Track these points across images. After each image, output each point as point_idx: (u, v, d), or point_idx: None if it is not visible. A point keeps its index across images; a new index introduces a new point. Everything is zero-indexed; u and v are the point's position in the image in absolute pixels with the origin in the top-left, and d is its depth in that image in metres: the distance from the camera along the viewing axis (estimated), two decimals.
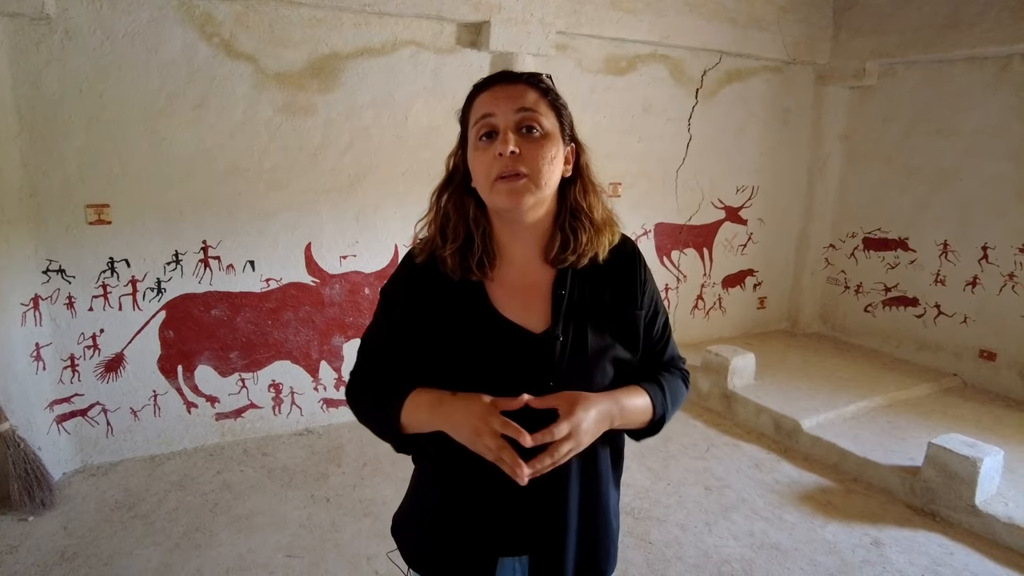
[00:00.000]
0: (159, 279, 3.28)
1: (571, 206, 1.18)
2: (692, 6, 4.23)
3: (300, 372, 3.71)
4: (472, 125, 1.13)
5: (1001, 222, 4.28)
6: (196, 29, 3.11)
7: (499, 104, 1.09)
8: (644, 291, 1.24)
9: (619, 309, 1.21)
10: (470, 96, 1.16)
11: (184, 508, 2.98)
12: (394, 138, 3.66)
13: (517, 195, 1.08)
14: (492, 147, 1.08)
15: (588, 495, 1.21)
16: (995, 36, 4.03)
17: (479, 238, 1.16)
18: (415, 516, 1.29)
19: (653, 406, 1.20)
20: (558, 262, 1.18)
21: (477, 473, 1.15)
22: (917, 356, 4.76)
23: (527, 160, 1.08)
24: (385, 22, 3.50)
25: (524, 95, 1.10)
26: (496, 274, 1.17)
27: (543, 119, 1.10)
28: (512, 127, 1.09)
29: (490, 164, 1.08)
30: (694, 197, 4.84)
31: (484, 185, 1.11)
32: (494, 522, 1.18)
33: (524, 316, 1.16)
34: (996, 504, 2.97)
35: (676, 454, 3.60)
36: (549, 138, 1.11)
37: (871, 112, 4.94)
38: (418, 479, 1.31)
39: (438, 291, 1.16)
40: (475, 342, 1.15)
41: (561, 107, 1.15)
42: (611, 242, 1.21)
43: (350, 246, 3.70)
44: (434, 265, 1.17)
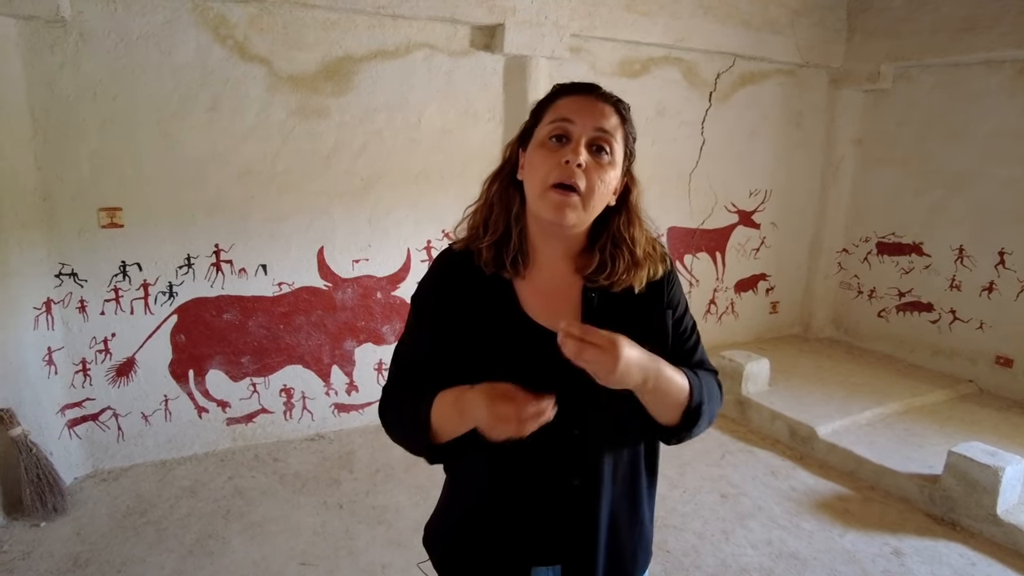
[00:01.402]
0: (171, 283, 3.26)
1: (614, 234, 1.17)
2: (707, 8, 4.20)
3: (312, 377, 3.68)
4: (546, 123, 1.11)
5: (1018, 227, 4.24)
6: (210, 31, 3.09)
7: (582, 115, 1.09)
8: (671, 290, 1.22)
9: (647, 312, 1.19)
10: (555, 93, 1.15)
11: (196, 514, 2.95)
12: (407, 141, 3.64)
13: (563, 211, 1.07)
14: (560, 152, 1.08)
15: (620, 504, 1.20)
16: (1012, 39, 3.99)
17: (516, 235, 1.15)
18: (448, 526, 1.28)
19: (691, 388, 1.12)
20: (590, 281, 1.17)
21: (512, 481, 1.15)
22: (932, 362, 4.72)
23: (588, 179, 1.07)
24: (399, 24, 3.48)
25: (609, 116, 1.10)
26: (527, 274, 1.17)
27: (616, 145, 1.11)
28: (586, 142, 1.08)
29: (552, 168, 1.07)
30: (707, 201, 4.81)
31: (537, 188, 1.10)
32: (527, 531, 1.17)
33: (551, 318, 1.14)
34: (1019, 514, 2.93)
35: (691, 461, 3.56)
36: (613, 165, 1.11)
37: (885, 116, 4.90)
38: (451, 488, 1.29)
39: (469, 283, 1.16)
40: (500, 342, 1.14)
41: (631, 140, 1.16)
42: (651, 276, 1.19)
43: (362, 250, 3.67)
44: (469, 257, 1.17)
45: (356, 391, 3.79)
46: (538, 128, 1.13)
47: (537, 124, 1.14)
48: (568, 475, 1.14)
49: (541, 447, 1.11)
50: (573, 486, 1.15)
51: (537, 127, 1.13)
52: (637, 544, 1.25)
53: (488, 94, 3.78)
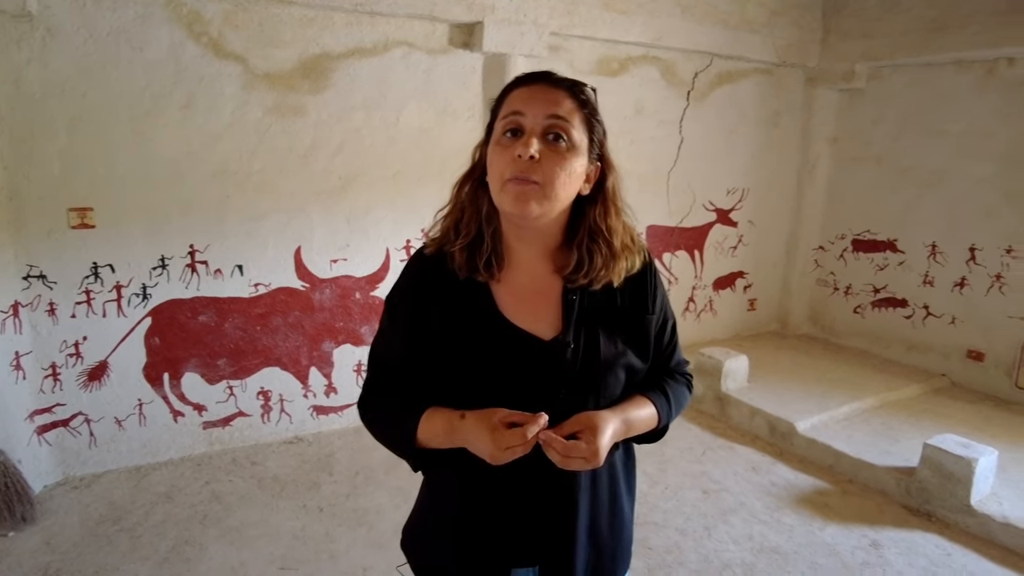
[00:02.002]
0: (145, 284, 3.19)
1: (590, 226, 1.13)
2: (684, 8, 4.22)
3: (289, 379, 3.63)
4: (500, 119, 1.09)
5: (988, 223, 4.32)
6: (183, 28, 3.03)
7: (532, 104, 1.06)
8: (655, 297, 1.22)
9: (631, 315, 1.18)
10: (506, 89, 1.12)
11: (172, 520, 2.89)
12: (386, 140, 3.60)
13: (524, 201, 1.04)
14: (513, 146, 1.05)
15: (598, 504, 1.20)
16: (981, 40, 4.07)
17: (489, 236, 1.12)
18: (426, 529, 1.26)
19: (659, 416, 1.19)
20: (569, 281, 1.14)
21: (489, 484, 1.14)
22: (906, 357, 4.79)
23: (544, 168, 1.04)
24: (377, 22, 3.45)
25: (560, 102, 1.06)
26: (503, 276, 1.14)
27: (573, 131, 1.06)
28: (539, 132, 1.05)
29: (507, 163, 1.05)
30: (685, 199, 4.83)
31: (496, 183, 1.07)
32: (506, 532, 1.16)
33: (532, 322, 1.13)
34: (991, 504, 2.98)
35: (672, 458, 3.58)
36: (574, 151, 1.06)
37: (860, 114, 4.97)
38: (428, 492, 1.27)
39: (443, 287, 1.13)
40: (481, 348, 1.11)
41: (596, 122, 1.11)
42: (629, 269, 1.17)
43: (341, 249, 3.63)
44: (442, 260, 1.14)
45: (335, 393, 3.74)
46: (495, 125, 1.11)
47: (495, 122, 1.12)
48: (547, 477, 1.13)
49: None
50: (551, 488, 1.14)
51: (495, 125, 1.11)
52: (618, 544, 1.25)
53: (467, 92, 3.76)
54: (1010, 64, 4.15)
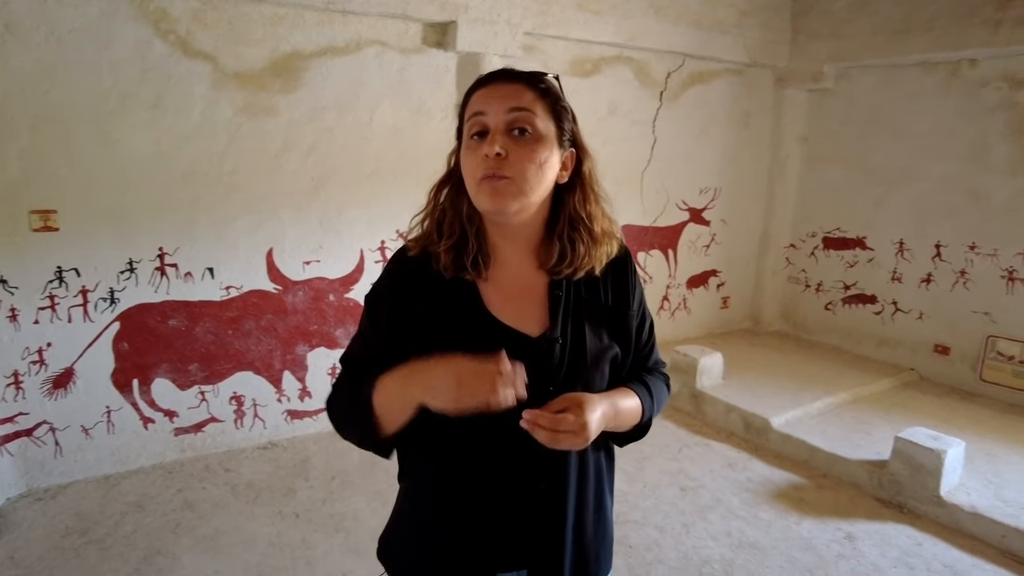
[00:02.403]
0: (112, 289, 3.11)
1: (570, 214, 1.14)
2: (657, 8, 4.25)
3: (262, 383, 3.57)
4: (466, 122, 1.10)
5: (952, 221, 4.43)
6: (150, 26, 2.96)
7: (492, 103, 1.06)
8: (635, 294, 1.23)
9: (613, 311, 1.20)
10: (468, 92, 1.12)
11: (143, 530, 2.82)
12: (359, 140, 3.56)
13: (500, 197, 1.04)
14: (482, 147, 1.05)
15: (584, 504, 1.19)
16: (944, 42, 4.17)
17: (473, 237, 1.12)
18: (404, 535, 1.23)
19: (642, 408, 1.19)
20: (553, 273, 1.14)
21: (475, 486, 1.13)
22: (876, 352, 4.89)
23: (513, 163, 1.04)
24: (349, 21, 3.41)
25: (520, 95, 1.06)
26: (490, 275, 1.13)
27: (537, 120, 1.06)
28: (503, 128, 1.05)
29: (477, 164, 1.05)
30: (659, 199, 4.87)
31: (471, 185, 1.08)
32: (491, 537, 1.14)
33: (519, 319, 1.12)
34: (959, 494, 3.05)
35: (650, 456, 3.59)
36: (541, 141, 1.06)
37: (829, 114, 5.06)
38: (406, 496, 1.25)
39: (429, 288, 1.11)
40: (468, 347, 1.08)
41: (561, 109, 1.11)
42: (608, 255, 1.18)
43: (314, 251, 3.58)
44: (427, 261, 1.12)
45: (309, 397, 3.69)
46: (463, 128, 1.11)
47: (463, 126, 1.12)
48: (535, 478, 1.12)
49: (507, 451, 1.10)
50: (540, 489, 1.13)
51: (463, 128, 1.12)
52: (601, 544, 1.24)
53: (441, 92, 3.74)
54: (972, 66, 4.26)
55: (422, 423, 1.12)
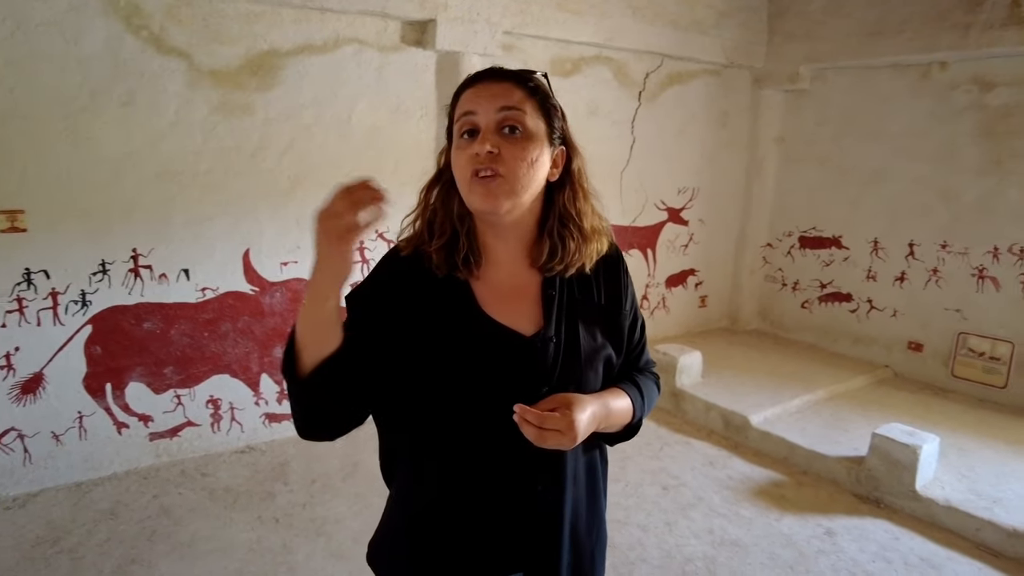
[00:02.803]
0: (84, 291, 3.03)
1: (560, 212, 1.13)
2: (635, 8, 4.27)
3: (240, 386, 3.50)
4: (455, 122, 1.09)
5: (925, 220, 4.51)
6: (121, 21, 2.89)
7: (481, 102, 1.06)
8: (627, 293, 1.23)
9: (606, 310, 1.19)
10: (457, 91, 1.12)
11: (117, 538, 2.75)
12: (337, 138, 3.52)
13: (492, 197, 1.04)
14: (472, 146, 1.05)
15: (580, 505, 1.18)
16: (915, 45, 4.24)
17: (464, 236, 1.11)
18: (397, 539, 1.20)
19: (633, 409, 1.18)
20: (545, 270, 1.14)
21: (470, 488, 1.11)
22: (852, 349, 4.96)
23: (505, 160, 1.03)
24: (327, 18, 3.36)
25: (509, 93, 1.06)
26: (482, 273, 1.13)
27: (527, 119, 1.06)
28: (493, 126, 1.05)
29: (468, 163, 1.05)
30: (638, 199, 4.89)
31: (463, 184, 1.07)
32: (487, 539, 1.13)
33: (513, 318, 1.11)
34: (935, 489, 3.10)
35: (631, 455, 3.60)
36: (532, 139, 1.06)
37: (805, 115, 5.12)
38: (399, 499, 1.22)
39: (422, 287, 1.10)
40: (461, 346, 1.09)
41: (551, 107, 1.10)
42: (599, 252, 1.18)
43: (291, 252, 3.53)
44: (419, 260, 1.12)
45: (287, 400, 3.63)
46: (453, 129, 1.11)
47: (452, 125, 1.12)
48: (532, 479, 1.11)
49: (504, 452, 1.08)
50: (537, 491, 1.12)
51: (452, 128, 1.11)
52: (596, 545, 1.24)
53: (420, 91, 3.71)
54: (943, 68, 4.34)
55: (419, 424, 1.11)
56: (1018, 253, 4.11)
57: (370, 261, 3.72)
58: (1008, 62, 4.04)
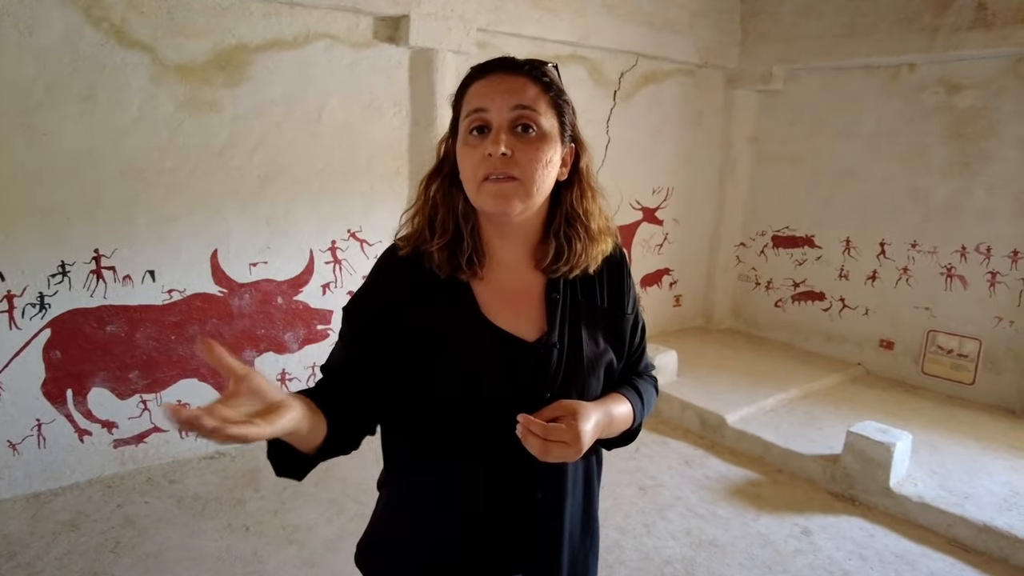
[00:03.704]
0: (42, 293, 2.91)
1: (567, 212, 1.09)
2: (610, 7, 4.25)
3: (209, 390, 3.40)
4: (463, 117, 1.03)
5: (895, 219, 4.57)
6: (80, 12, 2.78)
7: (494, 98, 1.00)
8: (630, 296, 1.21)
9: (609, 314, 1.17)
10: (465, 82, 1.06)
11: (77, 551, 2.64)
12: (308, 136, 3.44)
13: (505, 200, 0.99)
14: (482, 144, 0.99)
15: (577, 513, 1.17)
16: (885, 47, 4.30)
17: (468, 235, 1.06)
18: (390, 543, 1.17)
19: (633, 414, 1.16)
20: (550, 272, 1.10)
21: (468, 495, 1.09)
22: (825, 348, 5.01)
23: (520, 163, 0.98)
24: (297, 13, 3.28)
25: (524, 90, 1.00)
26: (485, 274, 1.09)
27: (541, 118, 1.01)
28: (506, 126, 0.99)
29: (479, 163, 0.99)
30: (613, 199, 4.79)
31: (471, 184, 1.02)
32: (485, 546, 1.11)
33: (515, 323, 1.08)
34: (908, 485, 3.14)
35: (607, 456, 3.54)
36: (546, 139, 1.01)
37: (778, 115, 5.16)
38: (393, 504, 1.19)
39: (422, 289, 1.06)
40: (463, 352, 1.05)
41: (563, 104, 1.05)
42: (604, 252, 1.14)
43: (260, 252, 3.44)
44: (419, 260, 1.07)
45: None
46: (459, 123, 1.05)
47: (459, 117, 1.06)
48: (532, 486, 1.09)
49: (505, 459, 1.05)
50: (536, 498, 1.10)
51: (459, 121, 1.05)
52: (589, 551, 1.22)
53: (393, 88, 3.65)
54: (912, 70, 4.40)
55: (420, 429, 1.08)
56: (984, 252, 4.19)
57: (342, 261, 3.65)
58: (974, 65, 4.11)
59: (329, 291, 3.65)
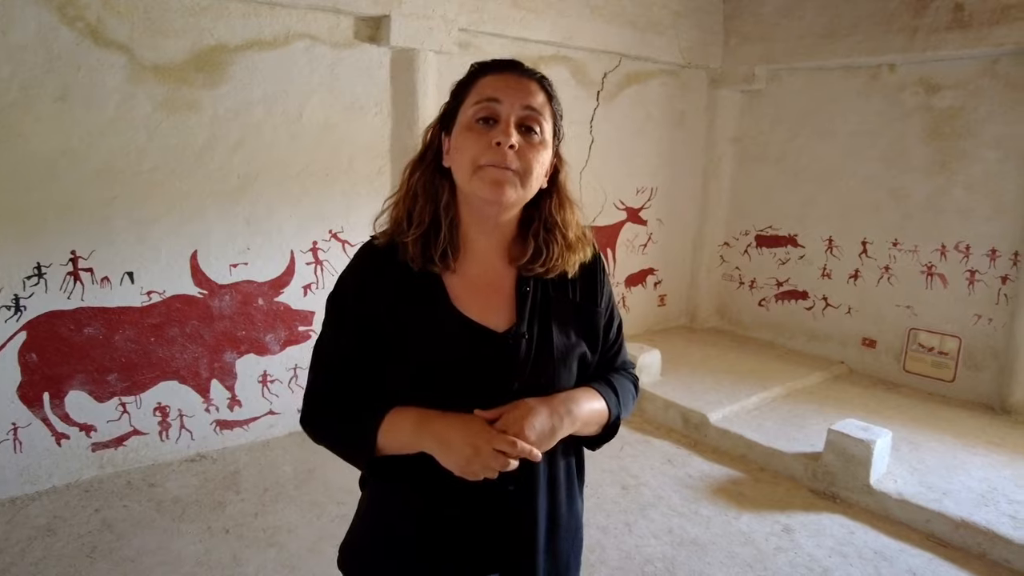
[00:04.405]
0: (17, 296, 2.88)
1: (545, 218, 1.14)
2: (593, 8, 4.26)
3: (189, 393, 3.38)
4: (471, 103, 1.06)
5: (876, 218, 4.61)
6: (54, 11, 2.75)
7: (508, 93, 1.05)
8: (603, 291, 1.23)
9: (581, 308, 1.19)
10: (475, 72, 1.10)
11: (54, 556, 2.61)
12: (288, 136, 3.42)
13: (501, 186, 1.03)
14: (489, 134, 1.03)
15: (557, 508, 1.19)
16: (865, 47, 4.33)
17: (446, 226, 1.10)
18: (371, 546, 1.19)
19: (608, 408, 1.17)
20: (525, 270, 1.14)
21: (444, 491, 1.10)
22: (808, 346, 5.04)
23: (522, 158, 1.04)
24: (277, 13, 3.27)
25: (535, 94, 1.07)
26: (458, 267, 1.12)
27: (545, 124, 1.07)
28: (516, 121, 1.04)
29: (482, 150, 1.03)
30: (597, 199, 4.88)
31: (466, 169, 1.05)
32: (462, 541, 1.13)
33: (485, 314, 1.11)
34: (888, 482, 3.16)
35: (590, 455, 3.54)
36: (544, 144, 1.08)
37: (760, 115, 5.19)
38: (372, 504, 1.22)
39: (396, 280, 1.10)
40: (432, 342, 1.08)
41: (559, 118, 1.13)
42: (583, 260, 1.18)
43: (240, 253, 3.42)
44: (394, 251, 1.11)
45: (239, 406, 3.52)
46: (462, 109, 1.08)
47: (460, 106, 1.09)
48: (503, 479, 1.09)
49: None
50: (508, 492, 1.11)
51: (460, 109, 1.08)
52: (570, 548, 1.24)
53: (375, 88, 3.64)
54: (891, 70, 4.44)
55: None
56: (964, 250, 4.23)
57: (324, 262, 3.63)
58: (952, 65, 4.15)
59: (311, 292, 3.63)
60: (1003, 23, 3.76)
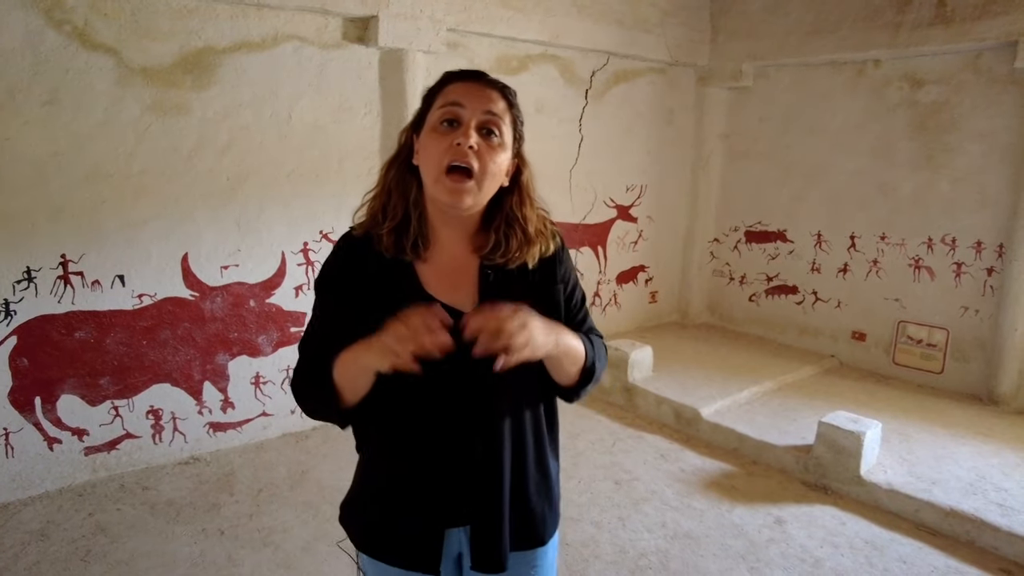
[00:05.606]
0: (7, 300, 2.87)
1: (507, 214, 1.24)
2: (580, 7, 4.28)
3: (182, 395, 3.38)
4: (437, 107, 1.17)
5: (864, 213, 4.65)
6: (41, 14, 2.75)
7: (471, 99, 1.15)
8: (561, 268, 1.31)
9: (541, 288, 1.27)
10: (442, 81, 1.20)
11: (47, 561, 2.61)
12: (277, 138, 3.43)
13: (459, 195, 1.13)
14: (452, 135, 1.13)
15: (524, 465, 1.27)
16: (850, 43, 4.38)
17: (415, 220, 1.21)
18: (363, 501, 1.32)
19: (585, 350, 1.25)
20: (487, 260, 1.24)
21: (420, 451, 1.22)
22: (799, 341, 5.08)
23: (480, 160, 1.13)
24: (265, 14, 3.27)
25: (496, 100, 1.17)
26: (428, 256, 1.22)
27: (504, 128, 1.17)
28: (476, 125, 1.14)
29: (445, 151, 1.13)
30: (587, 197, 4.91)
31: (432, 172, 1.15)
32: (436, 495, 1.23)
33: (453, 296, 1.21)
34: (878, 473, 3.19)
35: (584, 450, 3.61)
36: (502, 147, 1.17)
37: (748, 112, 5.22)
38: (363, 465, 1.34)
39: (370, 266, 1.20)
40: None
41: (519, 124, 1.23)
42: (543, 252, 1.27)
43: (231, 255, 3.42)
44: (370, 241, 1.22)
45: (232, 408, 3.52)
46: (430, 113, 1.18)
47: (428, 110, 1.19)
48: (470, 440, 1.20)
49: (443, 416, 1.20)
50: (476, 451, 1.21)
51: (429, 112, 1.19)
52: (545, 505, 1.31)
53: (364, 88, 3.65)
54: (876, 66, 4.48)
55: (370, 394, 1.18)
56: (950, 243, 4.28)
57: (315, 263, 3.64)
58: (935, 60, 4.20)
59: (302, 293, 3.63)
60: (985, 18, 3.80)
